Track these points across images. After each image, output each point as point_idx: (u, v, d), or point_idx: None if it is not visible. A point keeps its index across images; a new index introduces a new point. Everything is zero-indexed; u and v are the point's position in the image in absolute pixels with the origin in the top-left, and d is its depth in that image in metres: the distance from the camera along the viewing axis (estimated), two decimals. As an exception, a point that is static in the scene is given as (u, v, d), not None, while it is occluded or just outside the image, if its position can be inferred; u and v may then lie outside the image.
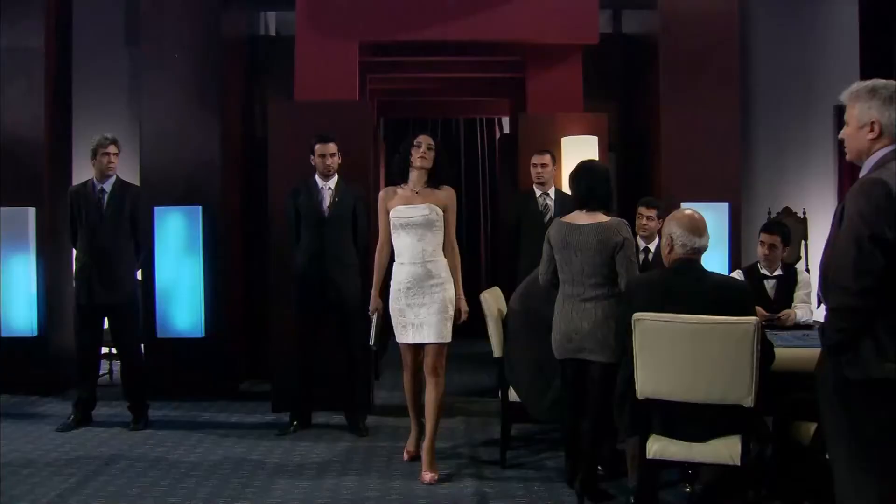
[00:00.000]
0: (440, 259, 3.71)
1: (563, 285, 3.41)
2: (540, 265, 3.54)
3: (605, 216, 3.36)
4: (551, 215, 4.90)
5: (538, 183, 4.95)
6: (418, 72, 6.26)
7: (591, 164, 3.47)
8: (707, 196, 5.39)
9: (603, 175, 3.39)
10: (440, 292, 3.67)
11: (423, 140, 3.71)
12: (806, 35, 6.64)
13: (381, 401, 5.32)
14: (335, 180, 4.60)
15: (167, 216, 5.42)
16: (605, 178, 3.38)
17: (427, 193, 3.72)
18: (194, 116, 5.50)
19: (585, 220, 3.36)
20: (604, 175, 3.39)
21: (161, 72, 5.49)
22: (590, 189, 3.35)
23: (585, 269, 3.30)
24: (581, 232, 3.32)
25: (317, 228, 4.53)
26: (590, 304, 3.31)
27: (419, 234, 3.66)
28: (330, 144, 4.53)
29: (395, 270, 3.73)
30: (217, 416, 4.99)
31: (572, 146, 5.41)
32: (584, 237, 3.31)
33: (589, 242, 3.29)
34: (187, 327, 5.43)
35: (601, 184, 3.36)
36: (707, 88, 5.52)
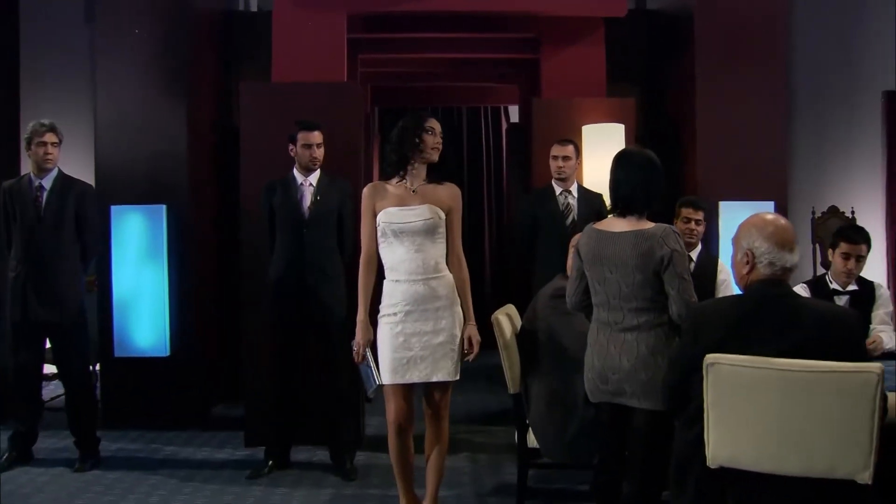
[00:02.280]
0: (445, 274, 2.96)
1: (597, 310, 2.68)
2: (567, 283, 2.81)
3: (647, 222, 2.62)
4: (574, 217, 4.18)
5: (559, 179, 4.21)
6: (416, 51, 5.52)
7: (633, 154, 2.69)
8: (749, 194, 4.68)
9: (649, 168, 2.63)
10: (448, 317, 2.93)
11: (437, 126, 2.97)
12: (850, 13, 5.89)
13: (372, 430, 4.60)
14: (317, 175, 3.88)
15: (126, 216, 4.71)
16: (653, 172, 2.63)
17: (426, 192, 2.97)
18: (158, 102, 4.77)
19: (623, 226, 2.62)
20: (651, 168, 2.63)
21: (120, 51, 4.76)
22: (632, 186, 2.60)
23: (623, 290, 2.58)
24: (617, 242, 2.59)
25: (295, 232, 3.81)
26: (630, 336, 2.58)
27: (417, 242, 2.92)
28: (315, 133, 3.81)
29: (386, 290, 2.96)
30: (181, 452, 4.27)
31: (595, 136, 4.68)
32: (620, 249, 2.58)
33: (627, 256, 2.56)
34: (149, 345, 4.71)
35: (648, 179, 2.61)
36: (749, 70, 4.80)
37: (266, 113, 4.25)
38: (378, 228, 2.96)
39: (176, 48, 4.78)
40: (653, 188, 2.63)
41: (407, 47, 5.52)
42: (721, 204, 4.67)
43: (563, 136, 4.49)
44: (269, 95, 4.33)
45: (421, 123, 2.94)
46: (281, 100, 4.26)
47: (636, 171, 2.62)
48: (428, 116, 2.99)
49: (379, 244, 2.98)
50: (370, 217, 2.99)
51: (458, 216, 3.03)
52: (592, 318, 2.72)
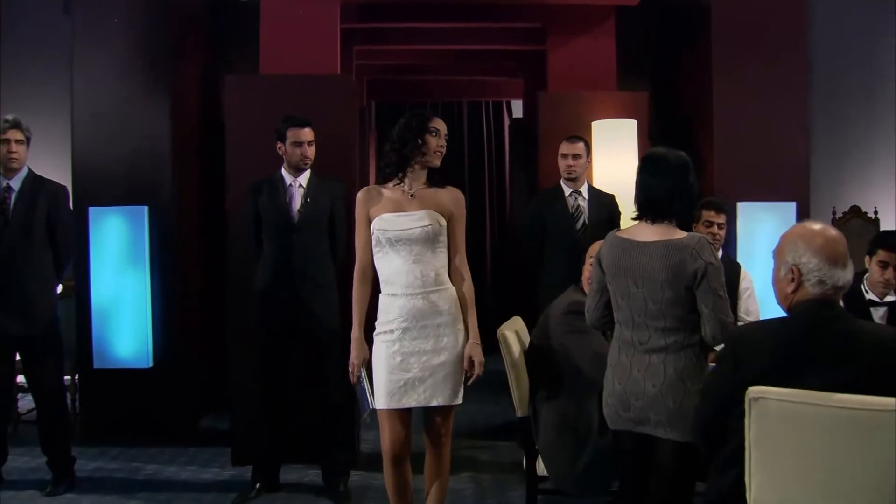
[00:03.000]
0: (446, 287, 2.67)
1: (619, 328, 2.40)
2: (587, 297, 2.52)
3: (678, 231, 2.34)
4: (585, 220, 3.89)
5: (568, 178, 3.91)
6: (414, 42, 5.22)
7: (667, 155, 2.39)
8: (769, 194, 4.40)
9: (685, 171, 2.35)
10: (450, 335, 2.64)
11: (442, 127, 2.69)
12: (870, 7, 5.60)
13: (368, 447, 4.30)
14: (307, 176, 3.59)
15: (105, 219, 4.41)
16: (689, 176, 2.35)
17: (426, 196, 2.68)
18: (140, 97, 4.48)
19: (650, 235, 2.34)
20: (687, 171, 2.35)
21: (98, 42, 4.47)
22: (666, 190, 2.31)
23: (650, 308, 2.30)
24: (644, 253, 2.31)
25: (283, 237, 3.52)
26: (657, 358, 2.30)
27: (416, 252, 2.63)
28: (306, 130, 3.52)
29: (382, 305, 2.68)
30: (163, 471, 3.98)
31: (606, 132, 4.38)
32: (648, 261, 2.30)
33: (655, 268, 2.28)
34: (131, 355, 4.42)
35: (684, 184, 2.33)
36: (769, 62, 4.50)
37: (253, 107, 3.96)
38: (373, 237, 2.68)
39: (159, 39, 4.49)
40: (689, 194, 2.35)
41: (404, 38, 5.23)
42: (739, 205, 4.38)
43: (572, 132, 4.20)
44: (257, 89, 4.03)
45: (425, 123, 2.66)
46: (269, 93, 3.96)
47: (671, 173, 2.33)
48: (433, 116, 2.70)
49: (374, 255, 2.69)
50: (364, 225, 2.70)
51: (462, 223, 2.74)
52: (613, 337, 2.44)
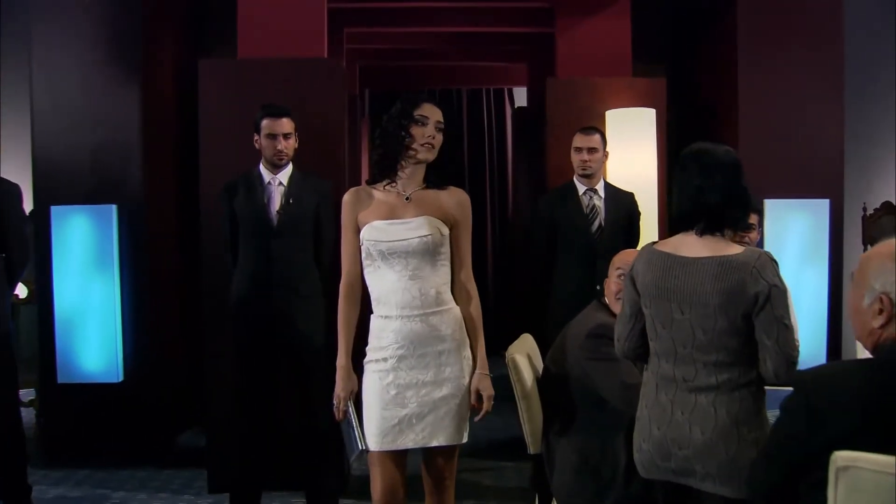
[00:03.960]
0: (449, 307, 2.27)
1: (657, 361, 2.00)
2: (617, 321, 2.12)
3: (733, 245, 1.94)
4: (601, 221, 3.48)
5: (583, 175, 3.50)
6: (410, 24, 4.79)
7: (718, 152, 1.96)
8: (799, 191, 4.00)
9: (735, 169, 1.93)
10: (454, 363, 2.24)
11: (432, 114, 2.25)
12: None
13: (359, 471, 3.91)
14: (288, 172, 3.19)
15: (69, 219, 4.00)
16: (739, 176, 1.94)
17: (424, 199, 2.27)
18: (107, 84, 4.06)
19: (699, 250, 1.93)
20: (736, 169, 1.93)
21: (60, 23, 4.04)
22: (722, 195, 1.90)
23: (699, 338, 1.90)
24: (691, 272, 1.91)
25: (261, 242, 3.12)
26: (705, 399, 1.91)
27: (413, 267, 2.22)
28: (283, 120, 3.11)
29: (374, 329, 2.28)
30: (133, 499, 3.61)
31: (621, 123, 3.98)
32: (697, 281, 1.90)
33: (706, 291, 1.89)
34: (99, 369, 4.02)
35: (740, 188, 1.92)
36: (800, 48, 4.10)
37: (230, 96, 3.55)
38: (362, 248, 2.27)
39: (128, 19, 4.06)
40: (743, 199, 1.95)
41: (400, 19, 4.81)
42: (767, 202, 3.98)
43: (584, 122, 3.81)
44: (234, 75, 3.62)
45: (409, 111, 2.23)
46: (248, 80, 3.56)
47: (723, 173, 1.91)
48: (421, 100, 2.26)
49: (364, 269, 2.29)
50: (352, 232, 2.29)
51: (468, 231, 2.33)
52: (648, 370, 2.05)
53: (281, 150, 3.10)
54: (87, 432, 4.03)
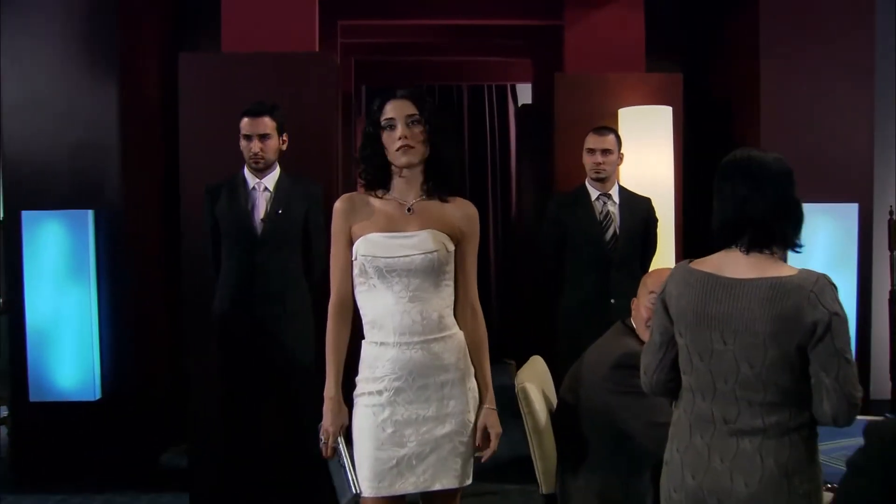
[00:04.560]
0: (453, 332, 2.00)
1: (692, 398, 1.73)
2: (644, 351, 1.85)
3: (785, 265, 1.68)
4: (615, 228, 3.21)
5: (596, 179, 3.23)
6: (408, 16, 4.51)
7: (768, 160, 1.69)
8: (826, 195, 3.72)
9: (786, 178, 1.67)
10: (458, 396, 1.98)
11: (398, 111, 1.94)
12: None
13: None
14: (275, 176, 2.92)
15: (42, 225, 3.72)
16: (791, 185, 1.67)
17: (428, 210, 2.00)
18: (82, 80, 3.78)
19: (745, 269, 1.67)
20: (787, 178, 1.67)
21: (30, 14, 3.74)
22: (772, 207, 1.65)
23: (744, 373, 1.64)
24: (737, 295, 1.65)
25: (244, 253, 2.86)
26: (750, 444, 1.64)
27: (414, 287, 1.95)
28: (261, 120, 2.85)
29: (367, 356, 2.00)
30: (109, 527, 3.33)
31: (635, 121, 3.70)
32: (743, 306, 1.64)
33: (754, 317, 1.62)
34: (74, 386, 3.75)
35: (785, 196, 1.66)
36: (829, 39, 3.82)
37: (213, 93, 3.28)
38: (355, 264, 1.99)
39: (104, 9, 3.77)
40: (797, 212, 1.68)
41: (397, 11, 4.53)
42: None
43: (596, 121, 3.55)
44: (217, 70, 3.34)
45: (375, 117, 1.99)
46: (232, 75, 3.29)
47: (774, 183, 1.66)
48: (384, 101, 1.98)
49: (356, 287, 2.01)
50: (344, 245, 2.00)
51: (475, 247, 2.05)
52: (679, 408, 1.78)
53: (257, 152, 2.83)
54: (62, 454, 3.76)
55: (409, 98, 1.95)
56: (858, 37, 3.82)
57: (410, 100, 1.95)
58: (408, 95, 1.96)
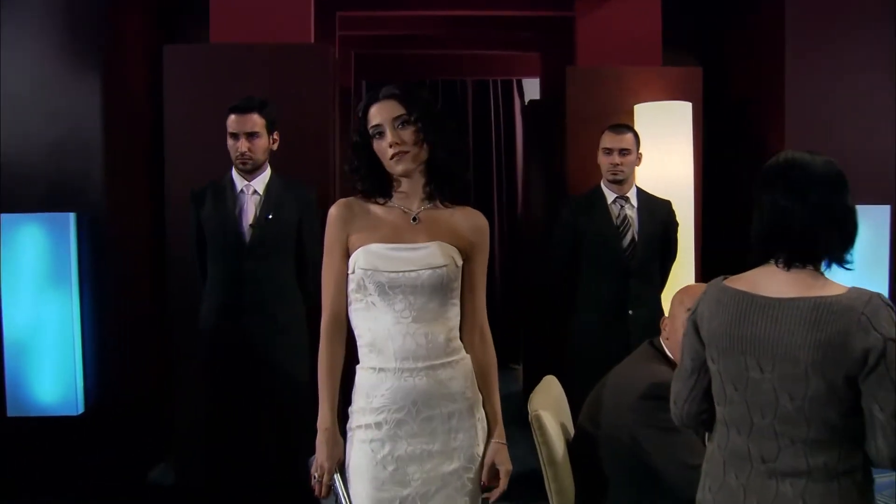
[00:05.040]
0: (460, 357, 1.79)
1: (726, 431, 1.53)
2: (676, 379, 1.64)
3: (831, 283, 1.47)
4: (634, 234, 2.98)
5: (613, 181, 2.99)
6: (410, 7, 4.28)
7: (806, 161, 1.50)
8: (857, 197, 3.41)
9: (836, 184, 1.48)
10: (467, 429, 1.76)
11: (384, 114, 1.73)
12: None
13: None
14: (265, 178, 2.70)
15: (21, 228, 3.49)
16: (842, 192, 1.49)
17: (435, 220, 1.78)
18: (63, 75, 3.54)
19: (786, 288, 1.48)
20: (837, 184, 1.48)
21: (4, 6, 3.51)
22: (814, 218, 1.45)
23: (784, 406, 1.44)
24: (776, 317, 1.45)
25: (232, 262, 2.65)
26: (791, 488, 1.44)
27: (419, 305, 1.73)
28: (251, 116, 2.63)
29: (363, 384, 1.78)
30: (90, 554, 3.12)
31: (652, 118, 3.48)
32: (783, 329, 1.44)
33: (795, 343, 1.42)
34: (56, 400, 3.53)
35: (833, 205, 1.47)
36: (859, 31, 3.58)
37: (200, 87, 3.07)
38: (351, 278, 1.77)
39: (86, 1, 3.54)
40: (848, 223, 1.49)
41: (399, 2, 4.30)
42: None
43: (611, 118, 3.35)
44: (205, 62, 3.13)
45: (362, 125, 1.77)
46: (220, 68, 3.07)
47: (820, 189, 1.46)
48: (369, 104, 1.76)
49: (351, 304, 1.79)
50: (339, 257, 1.78)
51: (484, 262, 1.84)
52: (713, 442, 1.58)
53: (244, 152, 2.61)
54: (43, 473, 3.55)
55: (394, 97, 1.73)
56: (890, 30, 3.57)
57: (397, 99, 1.73)
58: (393, 95, 1.74)
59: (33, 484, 3.54)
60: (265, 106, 2.66)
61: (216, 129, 2.80)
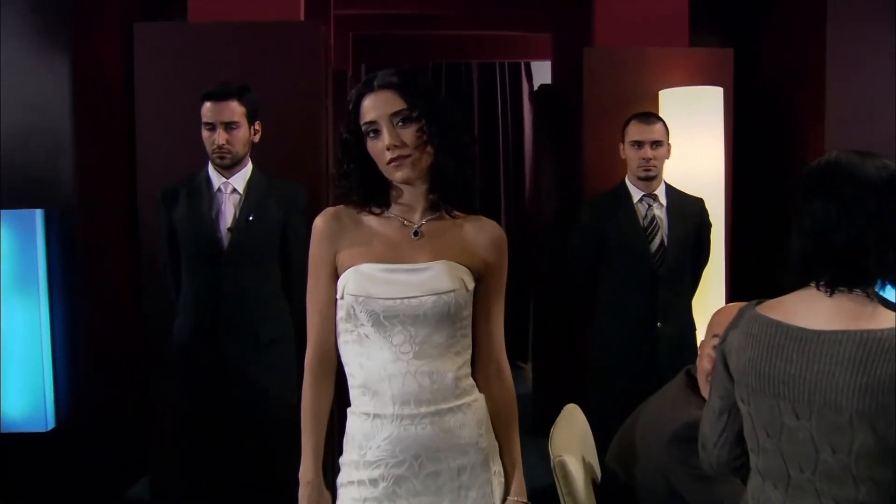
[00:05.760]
0: (473, 399, 1.49)
1: (762, 483, 1.29)
2: (705, 418, 1.38)
3: (883, 311, 1.21)
4: (664, 237, 2.66)
5: (645, 178, 2.66)
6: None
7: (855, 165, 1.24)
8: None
9: (888, 193, 1.22)
10: (482, 485, 1.47)
11: (380, 108, 1.40)
12: None
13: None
14: (246, 175, 2.39)
15: (-18, 227, 3.20)
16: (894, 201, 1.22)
17: (442, 235, 1.48)
18: (27, 55, 3.23)
19: (828, 317, 1.23)
20: (889, 191, 1.22)
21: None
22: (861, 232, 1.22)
23: (825, 459, 1.19)
24: (814, 353, 1.21)
25: (208, 270, 2.36)
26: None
27: (422, 338, 1.43)
28: (228, 104, 2.32)
29: (354, 432, 1.48)
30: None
31: (678, 105, 3.14)
32: (822, 369, 1.19)
33: (836, 386, 1.17)
34: (23, 415, 3.25)
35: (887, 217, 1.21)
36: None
37: (174, 71, 2.73)
38: (340, 304, 1.47)
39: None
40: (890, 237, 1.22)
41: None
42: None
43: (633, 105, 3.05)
44: (180, 44, 2.79)
45: (352, 120, 1.45)
46: (198, 51, 2.73)
47: (874, 202, 1.22)
48: (362, 93, 1.43)
49: (339, 336, 1.49)
50: (326, 278, 1.49)
51: (502, 284, 1.54)
52: (748, 492, 1.32)
53: (222, 144, 2.30)
54: (9, 494, 3.26)
55: (392, 88, 1.41)
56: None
57: (395, 90, 1.41)
58: (390, 84, 1.42)
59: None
60: (245, 92, 2.34)
61: (193, 119, 2.48)
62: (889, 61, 3.26)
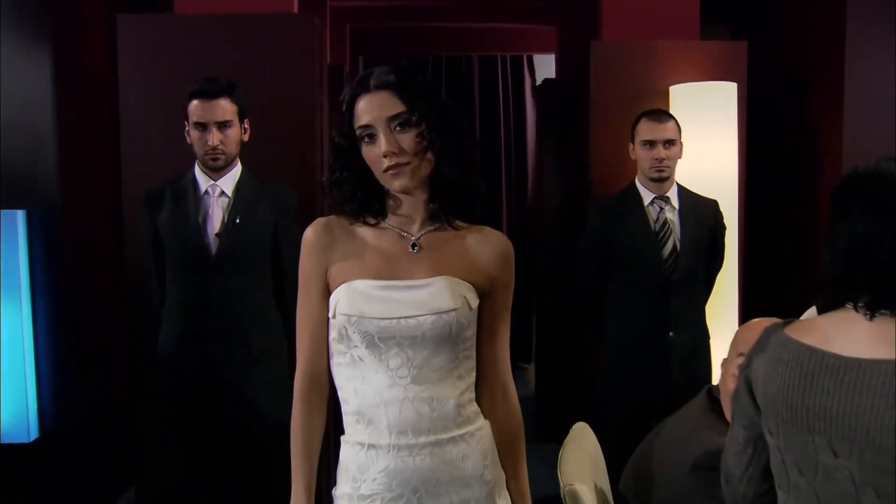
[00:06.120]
0: (477, 427, 1.37)
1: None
2: (728, 449, 1.26)
3: None
4: (676, 241, 2.52)
5: (656, 178, 2.52)
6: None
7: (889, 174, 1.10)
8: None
9: None
10: None
11: (375, 111, 1.26)
12: None
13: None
14: (234, 177, 2.26)
15: (-39, 229, 3.07)
16: None
17: (442, 247, 1.36)
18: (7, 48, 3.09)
19: (868, 344, 1.08)
20: None
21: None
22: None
23: (866, 502, 1.05)
24: (852, 384, 1.07)
25: (194, 278, 2.23)
26: None
27: (421, 361, 1.31)
28: (219, 102, 2.19)
29: (348, 463, 1.36)
30: None
31: (690, 102, 3.00)
32: (863, 402, 1.06)
33: (880, 422, 1.04)
34: (5, 425, 3.13)
35: None
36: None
37: (159, 66, 2.59)
38: (332, 323, 1.35)
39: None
40: None
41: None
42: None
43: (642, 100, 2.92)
44: (165, 37, 2.65)
45: (346, 122, 1.32)
46: (184, 44, 2.59)
47: None
48: (356, 94, 1.29)
49: (332, 358, 1.38)
50: (317, 295, 1.38)
51: (508, 301, 1.41)
52: None
53: (215, 145, 2.16)
54: (-9, 506, 3.14)
55: (389, 88, 1.28)
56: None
57: (392, 90, 1.28)
58: (387, 84, 1.28)
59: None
60: (234, 88, 2.21)
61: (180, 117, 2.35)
62: None
